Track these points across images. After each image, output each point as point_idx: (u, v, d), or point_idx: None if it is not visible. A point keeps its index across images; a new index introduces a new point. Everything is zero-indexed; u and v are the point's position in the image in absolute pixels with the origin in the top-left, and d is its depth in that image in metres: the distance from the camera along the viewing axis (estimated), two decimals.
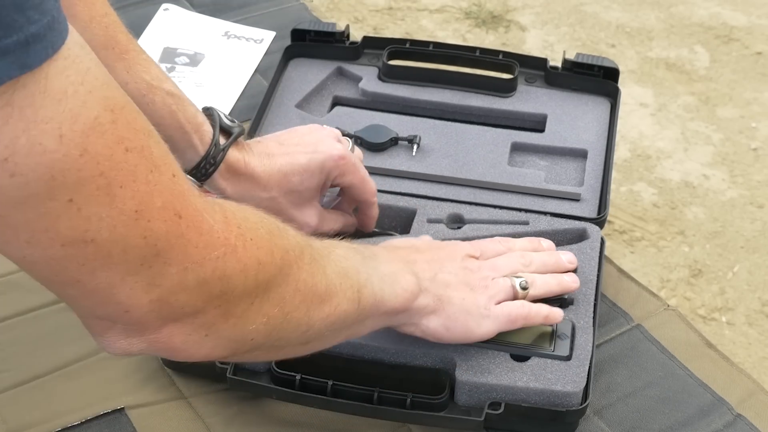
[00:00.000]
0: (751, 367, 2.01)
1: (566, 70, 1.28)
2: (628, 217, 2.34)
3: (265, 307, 0.70)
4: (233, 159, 0.95)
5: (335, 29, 1.32)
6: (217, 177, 0.94)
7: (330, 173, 0.99)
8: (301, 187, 0.98)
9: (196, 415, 0.96)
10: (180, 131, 0.93)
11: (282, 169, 0.98)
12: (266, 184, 0.97)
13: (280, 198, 0.97)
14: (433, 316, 0.89)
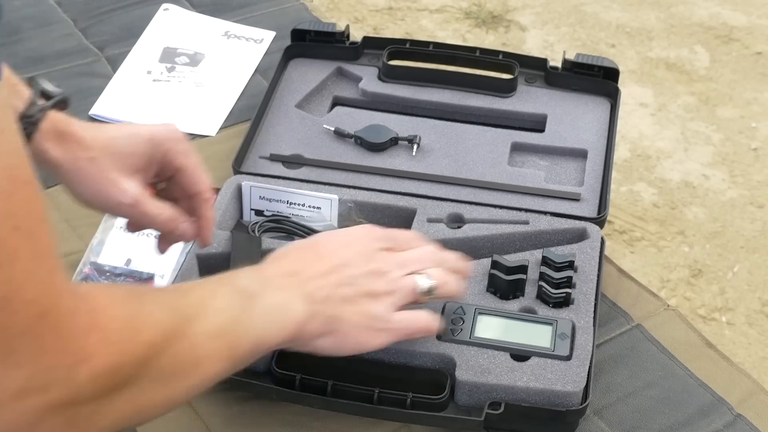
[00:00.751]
0: (751, 367, 2.01)
1: (566, 70, 1.28)
2: (628, 217, 2.34)
3: (117, 406, 0.67)
4: (56, 120, 0.90)
5: (335, 29, 1.32)
6: (39, 138, 0.89)
7: (160, 143, 0.92)
8: (126, 151, 0.91)
9: (196, 415, 0.96)
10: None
11: (108, 132, 0.93)
12: (89, 145, 0.91)
13: (101, 159, 0.91)
14: (323, 337, 0.86)
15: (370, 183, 1.14)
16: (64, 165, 0.90)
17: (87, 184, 0.91)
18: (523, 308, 1.00)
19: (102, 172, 0.90)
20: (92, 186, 0.91)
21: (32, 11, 1.50)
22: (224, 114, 1.32)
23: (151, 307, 0.71)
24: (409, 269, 0.91)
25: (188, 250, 1.06)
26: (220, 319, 0.77)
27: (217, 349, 0.76)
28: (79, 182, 0.91)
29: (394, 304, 0.89)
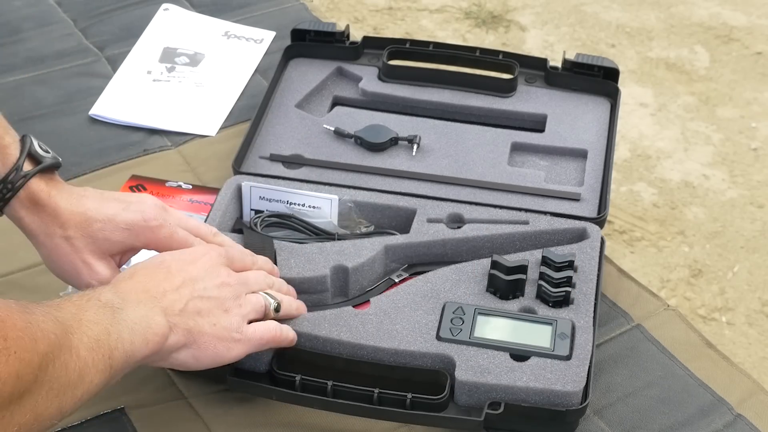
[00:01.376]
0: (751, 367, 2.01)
1: (566, 70, 1.28)
2: (628, 217, 2.34)
3: (16, 417, 0.68)
4: (37, 188, 0.90)
5: (335, 29, 1.32)
6: (16, 204, 0.90)
7: (138, 235, 0.92)
8: (100, 236, 0.91)
9: (196, 415, 0.96)
10: None
11: (87, 212, 0.92)
12: (65, 221, 0.91)
13: (76, 240, 0.91)
14: (183, 350, 0.86)
15: (370, 183, 1.14)
16: (39, 237, 0.92)
17: (59, 261, 0.92)
18: (523, 308, 1.00)
19: (75, 253, 0.92)
20: (64, 264, 0.92)
21: (32, 11, 1.50)
22: (224, 114, 1.32)
23: (40, 318, 0.72)
24: (251, 288, 0.92)
25: None
26: (95, 332, 0.77)
27: (96, 360, 0.76)
28: (50, 257, 0.93)
29: (246, 317, 0.90)
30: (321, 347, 0.97)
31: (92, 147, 1.27)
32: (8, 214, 0.92)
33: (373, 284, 1.06)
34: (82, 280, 0.93)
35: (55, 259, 0.93)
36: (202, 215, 1.13)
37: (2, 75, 1.38)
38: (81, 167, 1.23)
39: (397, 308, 1.00)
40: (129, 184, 1.19)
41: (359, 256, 1.04)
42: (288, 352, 0.97)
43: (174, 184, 1.20)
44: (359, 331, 0.97)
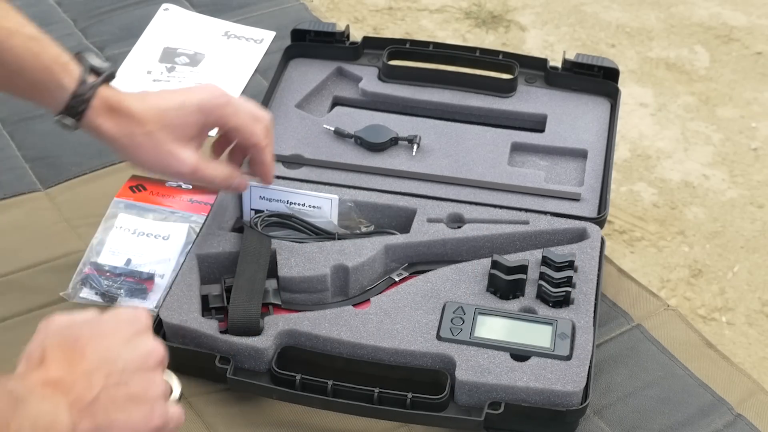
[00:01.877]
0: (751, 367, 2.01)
1: (566, 70, 1.28)
2: (628, 217, 2.34)
3: None
4: (107, 95, 0.95)
5: (335, 29, 1.32)
6: (92, 114, 0.95)
7: (210, 112, 0.99)
8: (178, 122, 0.97)
9: (196, 415, 0.96)
10: (46, 72, 0.93)
11: (158, 105, 0.98)
12: (141, 119, 0.96)
13: (157, 132, 0.97)
14: None
15: (370, 183, 1.14)
16: (121, 140, 0.97)
17: (146, 157, 0.98)
18: (523, 308, 1.00)
19: (159, 146, 0.97)
20: (152, 158, 0.98)
21: (32, 11, 1.50)
22: None
23: None
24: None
25: (188, 250, 1.06)
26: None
27: None
28: (138, 155, 0.98)
29: (165, 395, 0.79)
30: (321, 346, 0.97)
31: (92, 147, 1.26)
32: (87, 127, 0.96)
33: (374, 284, 1.06)
34: (172, 169, 0.99)
35: (141, 156, 0.98)
36: (202, 215, 1.13)
37: None
38: (81, 167, 1.23)
39: (397, 308, 1.00)
40: (129, 184, 1.19)
41: (359, 256, 1.04)
42: (288, 352, 0.97)
43: (174, 184, 1.20)
44: (359, 330, 0.97)
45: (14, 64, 0.93)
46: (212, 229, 1.06)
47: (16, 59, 0.93)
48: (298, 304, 1.02)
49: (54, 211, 1.17)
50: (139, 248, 1.11)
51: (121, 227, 1.13)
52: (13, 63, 0.93)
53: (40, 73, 0.93)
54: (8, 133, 1.29)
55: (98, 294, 1.06)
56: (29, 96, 0.97)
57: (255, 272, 1.00)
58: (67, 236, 1.14)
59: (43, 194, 1.20)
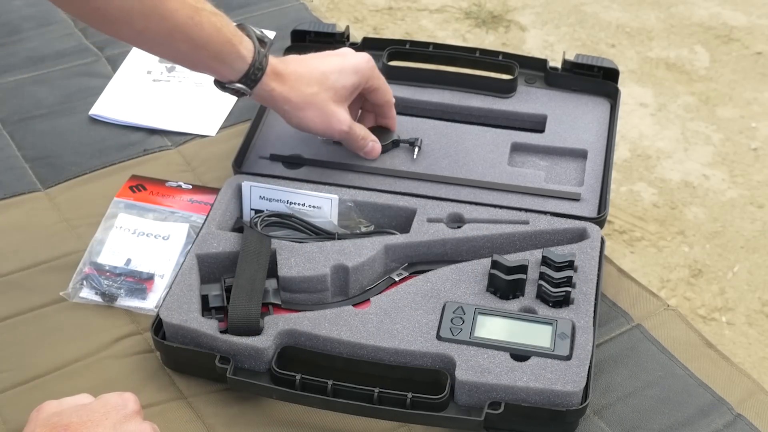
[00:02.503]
0: (751, 367, 2.01)
1: (566, 70, 1.28)
2: (628, 217, 2.34)
3: None
4: (275, 63, 1.07)
5: (335, 30, 1.32)
6: (266, 80, 1.06)
7: (364, 75, 1.12)
8: (338, 85, 1.10)
9: (196, 415, 0.96)
10: (228, 45, 1.03)
11: (320, 67, 1.10)
12: (308, 80, 1.08)
13: (321, 93, 1.09)
14: None
15: (370, 183, 1.14)
16: (293, 100, 1.09)
17: (313, 115, 1.10)
18: (523, 308, 1.00)
19: (324, 105, 1.10)
20: (317, 117, 1.10)
21: (32, 11, 1.50)
22: (224, 114, 1.32)
23: None
24: None
25: (188, 250, 1.06)
26: None
27: None
28: (305, 114, 1.10)
29: None
30: (321, 346, 0.97)
31: (92, 147, 1.27)
32: (259, 93, 1.08)
33: (373, 283, 1.06)
34: (332, 128, 1.12)
35: (308, 115, 1.10)
36: (202, 215, 1.13)
37: (2, 75, 1.38)
38: (81, 167, 1.23)
39: (397, 308, 1.00)
40: (129, 184, 1.20)
41: (359, 256, 1.04)
42: (288, 351, 0.97)
43: (174, 184, 1.20)
44: (359, 330, 0.97)
45: (201, 38, 1.01)
46: (212, 229, 1.06)
47: (202, 34, 1.01)
48: (298, 304, 1.02)
49: (54, 211, 1.18)
50: (139, 248, 1.11)
51: (121, 227, 1.13)
52: (200, 37, 1.01)
53: (222, 46, 1.02)
54: (8, 133, 1.29)
55: (98, 294, 1.06)
56: (208, 67, 1.05)
57: (255, 272, 1.01)
58: (67, 236, 1.14)
59: (43, 194, 1.20)
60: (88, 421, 0.78)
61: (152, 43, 1.03)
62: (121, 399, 0.81)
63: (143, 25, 0.99)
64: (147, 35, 1.01)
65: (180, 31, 1.00)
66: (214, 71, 1.06)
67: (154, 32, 1.00)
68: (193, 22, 1.00)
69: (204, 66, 1.05)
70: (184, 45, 1.01)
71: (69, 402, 0.81)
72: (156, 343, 0.98)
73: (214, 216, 1.08)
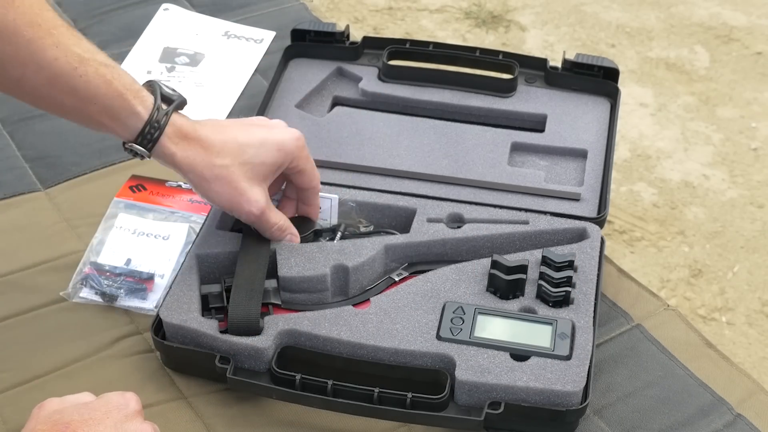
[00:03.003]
0: (751, 367, 2.01)
1: (566, 70, 1.28)
2: (628, 217, 2.34)
3: None
4: (180, 123, 0.95)
5: (335, 29, 1.32)
6: (165, 141, 0.94)
7: (288, 153, 1.00)
8: (256, 161, 0.97)
9: (196, 415, 0.96)
10: (119, 99, 0.93)
11: (238, 138, 0.97)
12: (220, 150, 0.96)
13: (233, 167, 0.96)
14: None
15: (370, 183, 1.14)
16: (199, 169, 0.96)
17: (219, 190, 0.97)
18: (523, 308, 1.00)
19: (234, 181, 0.96)
20: (224, 193, 0.97)
21: None
22: (224, 114, 1.32)
23: None
24: None
25: (188, 250, 1.06)
26: None
27: None
28: (211, 187, 0.97)
29: None
30: (321, 346, 0.97)
31: (92, 147, 1.27)
32: (159, 155, 0.95)
33: (373, 283, 1.06)
34: (241, 208, 0.98)
35: (213, 188, 0.97)
36: (202, 215, 1.13)
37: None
38: (81, 167, 1.23)
39: (397, 308, 1.00)
40: (129, 184, 1.19)
41: (359, 256, 1.04)
42: (288, 351, 0.97)
43: (174, 184, 1.20)
44: (359, 330, 0.97)
45: (87, 91, 0.92)
46: (212, 229, 1.06)
47: (88, 86, 0.92)
48: (298, 304, 1.02)
49: (54, 211, 1.17)
50: (139, 248, 1.11)
51: (121, 227, 1.13)
52: (85, 90, 0.92)
53: (113, 100, 0.93)
54: (8, 133, 1.29)
55: (98, 294, 1.06)
56: (99, 124, 0.95)
57: (255, 272, 1.00)
58: (67, 236, 1.14)
59: (43, 194, 1.20)
60: (89, 420, 0.78)
61: (33, 95, 0.94)
62: (122, 398, 0.81)
63: (19, 73, 0.90)
64: (25, 85, 0.92)
65: (62, 82, 0.91)
66: (106, 128, 0.95)
67: (33, 82, 0.91)
68: (76, 73, 0.91)
69: (95, 122, 0.95)
70: (69, 98, 0.92)
71: (71, 400, 0.81)
72: (156, 343, 0.98)
73: (214, 216, 1.08)
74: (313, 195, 1.06)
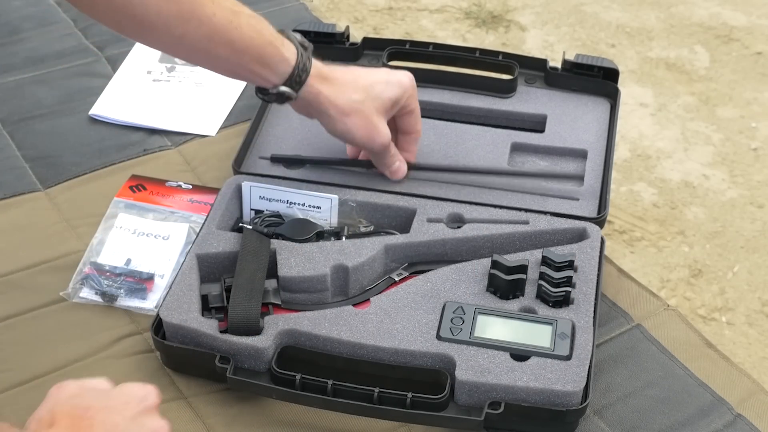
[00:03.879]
0: (751, 367, 2.01)
1: (566, 70, 1.28)
2: (628, 217, 2.34)
3: None
4: (319, 66, 1.05)
5: (335, 30, 1.32)
6: (312, 82, 1.03)
7: (406, 91, 1.09)
8: (384, 96, 1.07)
9: (196, 415, 0.96)
10: (271, 47, 1.01)
11: (366, 76, 1.08)
12: (355, 87, 1.06)
13: (368, 101, 1.06)
14: None
15: (370, 183, 1.14)
16: (339, 104, 1.05)
17: (358, 123, 1.06)
18: (523, 308, 1.00)
19: (369, 115, 1.06)
20: (361, 126, 1.07)
21: (32, 11, 1.50)
22: (224, 114, 1.32)
23: None
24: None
25: (188, 250, 1.06)
26: None
27: None
28: (349, 120, 1.06)
29: None
30: (321, 346, 0.97)
31: (92, 147, 1.27)
32: (305, 96, 1.04)
33: (373, 283, 1.06)
34: (372, 139, 1.08)
35: (350, 121, 1.06)
36: (202, 215, 1.13)
37: (2, 75, 1.38)
38: (81, 167, 1.23)
39: (397, 307, 1.00)
40: (129, 184, 1.20)
41: (359, 256, 1.04)
42: (288, 351, 0.97)
43: (174, 183, 1.20)
44: (359, 330, 0.97)
45: (241, 41, 0.99)
46: (212, 229, 1.06)
47: (243, 37, 0.99)
48: (298, 304, 1.02)
49: (54, 211, 1.18)
50: (139, 248, 1.11)
51: (121, 227, 1.13)
52: (240, 41, 0.99)
53: (263, 48, 1.00)
54: (8, 133, 1.29)
55: (98, 294, 1.06)
56: (250, 72, 1.02)
57: (255, 272, 1.01)
58: (67, 236, 1.14)
59: (43, 194, 1.20)
60: (107, 407, 0.77)
61: (191, 50, 1.01)
62: (143, 390, 0.80)
63: (182, 30, 0.97)
64: (186, 41, 0.98)
65: (219, 34, 0.98)
66: (257, 76, 1.03)
67: (193, 37, 0.98)
68: (232, 26, 0.98)
69: (246, 71, 1.02)
70: (224, 49, 0.99)
71: (89, 385, 0.80)
72: (156, 343, 0.98)
73: (214, 216, 1.08)
74: (414, 140, 1.14)
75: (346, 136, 1.09)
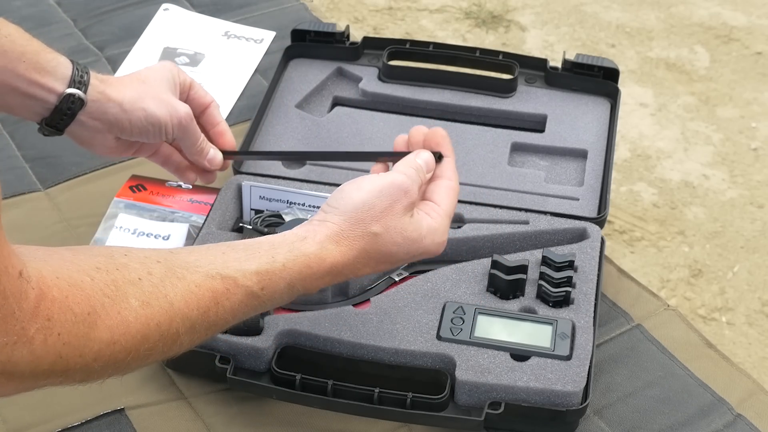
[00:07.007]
0: (751, 367, 2.01)
1: (566, 70, 1.28)
2: (628, 217, 2.34)
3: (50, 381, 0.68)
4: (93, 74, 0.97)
5: (335, 29, 1.32)
6: (94, 81, 0.95)
7: (179, 71, 1.02)
8: (162, 77, 1.00)
9: (196, 415, 0.96)
10: (45, 52, 0.95)
11: (134, 74, 1.01)
12: (131, 80, 0.99)
13: (153, 83, 0.99)
14: None
15: None
16: (129, 94, 0.97)
17: (155, 104, 0.97)
18: (523, 308, 1.00)
19: (161, 94, 0.98)
20: (160, 104, 0.98)
21: (32, 11, 1.50)
22: (224, 114, 1.32)
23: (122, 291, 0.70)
24: None
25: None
26: None
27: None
28: (147, 105, 0.97)
29: None
30: (321, 346, 0.97)
31: None
32: (93, 96, 0.95)
33: (374, 283, 1.06)
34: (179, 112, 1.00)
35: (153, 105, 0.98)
36: (202, 215, 1.13)
37: None
38: (81, 167, 1.23)
39: (397, 308, 1.00)
40: (129, 184, 1.20)
41: None
42: (288, 351, 0.97)
43: (174, 183, 1.20)
44: (359, 330, 0.97)
45: (14, 50, 0.92)
46: (212, 229, 1.06)
47: (14, 45, 0.92)
48: (298, 304, 1.02)
49: (54, 211, 1.17)
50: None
51: (121, 227, 1.13)
52: (12, 49, 0.92)
53: (38, 55, 0.93)
54: (8, 133, 1.29)
55: None
56: (30, 83, 0.93)
57: None
58: (67, 236, 1.14)
59: (43, 194, 1.20)
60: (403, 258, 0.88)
61: None
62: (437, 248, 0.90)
63: None
64: None
65: None
66: (37, 86, 0.93)
67: None
68: (1, 34, 0.90)
69: (25, 82, 0.92)
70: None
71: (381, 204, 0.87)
72: None
73: (214, 216, 1.08)
74: (215, 110, 1.06)
75: (150, 120, 0.98)
